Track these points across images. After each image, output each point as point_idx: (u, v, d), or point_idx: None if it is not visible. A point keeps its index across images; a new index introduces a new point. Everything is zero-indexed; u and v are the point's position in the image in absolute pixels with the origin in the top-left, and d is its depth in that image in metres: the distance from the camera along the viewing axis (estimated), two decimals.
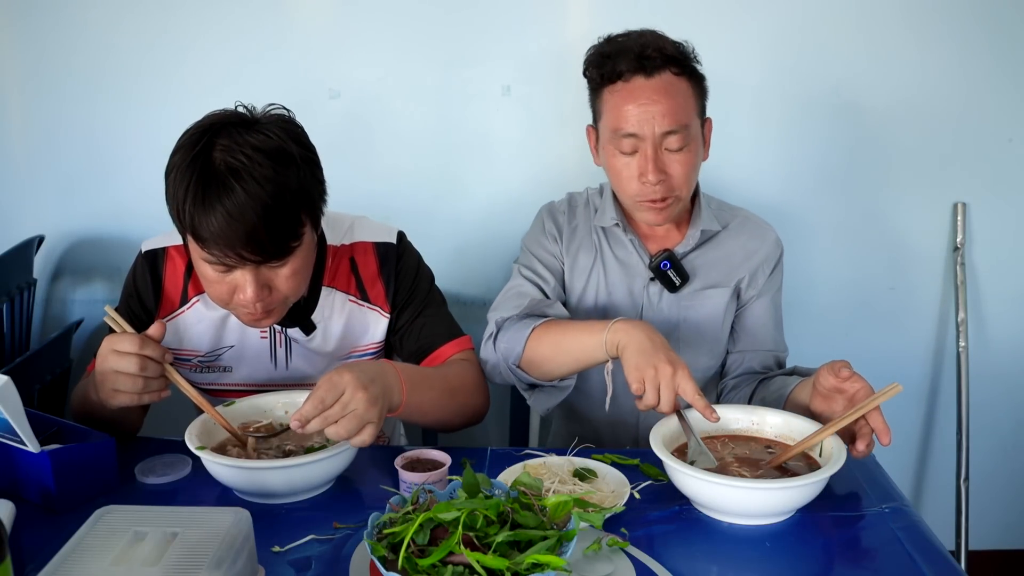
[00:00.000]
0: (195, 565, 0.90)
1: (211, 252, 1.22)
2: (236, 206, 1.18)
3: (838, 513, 1.21)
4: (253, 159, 1.20)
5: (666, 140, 1.43)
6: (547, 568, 0.91)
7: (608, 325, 1.35)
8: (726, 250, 1.58)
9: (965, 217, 2.15)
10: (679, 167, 1.45)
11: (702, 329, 1.58)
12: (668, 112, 1.42)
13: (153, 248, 1.46)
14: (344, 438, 1.18)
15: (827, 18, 2.05)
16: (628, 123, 1.43)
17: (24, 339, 2.09)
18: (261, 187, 1.19)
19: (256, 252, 1.22)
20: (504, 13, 2.04)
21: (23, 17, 2.05)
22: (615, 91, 1.46)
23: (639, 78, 1.43)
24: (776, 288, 1.62)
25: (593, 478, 1.26)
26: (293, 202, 1.24)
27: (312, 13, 2.06)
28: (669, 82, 1.43)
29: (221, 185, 1.19)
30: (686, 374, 1.25)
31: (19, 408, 1.14)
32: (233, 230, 1.19)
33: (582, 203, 1.64)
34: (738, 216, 1.63)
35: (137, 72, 2.06)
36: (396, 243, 1.49)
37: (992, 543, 2.37)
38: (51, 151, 2.13)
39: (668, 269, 1.54)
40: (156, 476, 1.29)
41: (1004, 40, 2.07)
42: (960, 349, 2.19)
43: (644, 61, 1.42)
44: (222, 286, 1.29)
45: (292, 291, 1.32)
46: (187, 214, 1.21)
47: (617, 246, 1.58)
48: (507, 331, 1.47)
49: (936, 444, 2.32)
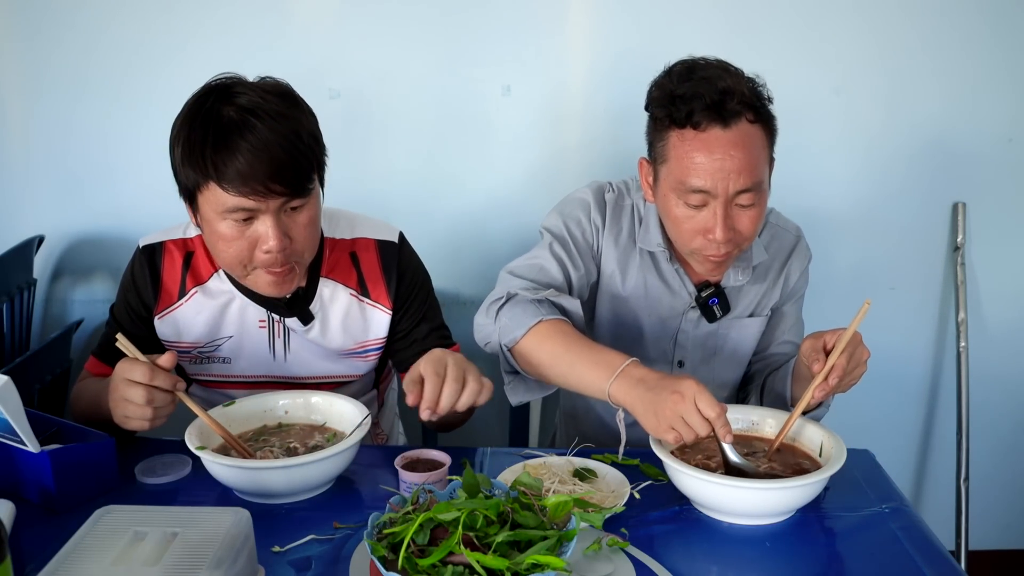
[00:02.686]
0: (195, 565, 0.90)
1: (238, 191, 1.24)
2: (260, 141, 1.23)
3: (838, 513, 1.21)
4: (266, 99, 1.27)
5: (739, 197, 1.33)
6: (547, 568, 0.91)
7: (610, 377, 1.25)
8: (765, 275, 1.53)
9: (965, 217, 2.15)
10: (748, 222, 1.35)
11: (735, 354, 1.56)
12: (744, 169, 1.30)
13: (150, 243, 1.47)
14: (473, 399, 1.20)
15: (827, 17, 2.05)
16: (700, 178, 1.31)
17: (24, 339, 2.09)
18: (279, 123, 1.25)
19: (283, 183, 1.25)
20: (504, 13, 2.04)
21: (23, 18, 2.05)
22: (686, 138, 1.32)
23: (715, 129, 1.30)
24: (801, 294, 1.60)
25: (593, 478, 1.26)
26: (308, 139, 1.29)
27: (312, 13, 2.06)
28: (746, 133, 1.31)
29: (242, 124, 1.24)
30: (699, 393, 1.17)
31: (19, 408, 1.14)
32: (260, 163, 1.23)
33: (628, 206, 1.52)
34: (769, 221, 1.56)
35: (137, 72, 2.06)
36: (398, 242, 1.50)
37: (992, 543, 2.37)
38: (51, 151, 2.13)
39: (715, 305, 1.49)
40: (156, 476, 1.29)
41: (1004, 40, 2.07)
42: (960, 349, 2.19)
43: (722, 110, 1.29)
44: (242, 243, 1.29)
45: (308, 243, 1.34)
46: (209, 160, 1.24)
47: (661, 266, 1.51)
48: (514, 307, 1.38)
49: (936, 444, 2.32)
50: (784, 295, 1.56)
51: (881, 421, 2.27)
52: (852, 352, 1.24)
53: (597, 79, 2.06)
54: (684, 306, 1.51)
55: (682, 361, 1.55)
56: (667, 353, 1.54)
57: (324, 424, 1.38)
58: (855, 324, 1.23)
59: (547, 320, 1.35)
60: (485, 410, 2.40)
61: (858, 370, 1.27)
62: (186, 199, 1.33)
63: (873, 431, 2.16)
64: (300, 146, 1.27)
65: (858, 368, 1.27)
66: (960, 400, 2.21)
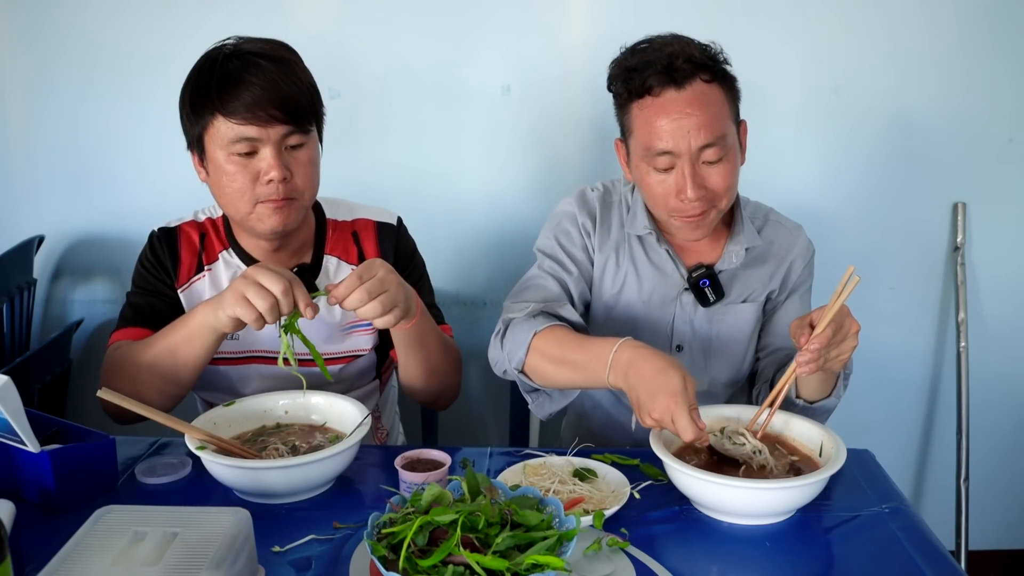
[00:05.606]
0: (195, 565, 0.90)
1: (242, 117, 1.33)
2: (264, 76, 1.34)
3: (838, 513, 1.21)
4: (270, 45, 1.39)
5: (703, 153, 1.36)
6: (547, 568, 0.91)
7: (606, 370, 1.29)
8: (761, 262, 1.54)
9: (965, 217, 2.15)
10: (719, 178, 1.38)
11: (732, 341, 1.56)
12: (704, 125, 1.34)
13: (166, 227, 1.53)
14: (373, 316, 1.25)
15: (828, 18, 2.05)
16: (662, 140, 1.36)
17: (24, 339, 2.09)
18: (281, 65, 1.37)
19: (286, 112, 1.35)
20: (504, 13, 2.04)
21: (24, 18, 2.05)
22: (645, 106, 1.38)
23: (669, 91, 1.35)
24: (806, 287, 1.59)
25: (593, 478, 1.26)
26: (308, 84, 1.40)
27: (312, 12, 2.06)
28: (702, 92, 1.36)
29: (248, 63, 1.35)
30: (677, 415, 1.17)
31: (19, 408, 1.14)
32: (265, 93, 1.33)
33: (616, 200, 1.56)
34: (769, 219, 1.58)
35: (138, 72, 2.06)
36: (396, 225, 1.59)
37: (992, 543, 2.37)
38: (51, 151, 2.13)
39: (707, 287, 1.50)
40: (156, 476, 1.29)
41: (1005, 40, 2.07)
42: (960, 349, 2.19)
43: (673, 72, 1.35)
44: (245, 175, 1.36)
45: (308, 181, 1.41)
46: (216, 95, 1.33)
47: (652, 253, 1.53)
48: (512, 331, 1.43)
49: (936, 444, 2.32)
50: (787, 287, 1.56)
51: (881, 421, 2.27)
52: (840, 324, 1.24)
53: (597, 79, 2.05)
54: (677, 290, 1.53)
55: (680, 346, 1.56)
56: (664, 339, 1.55)
57: (324, 424, 1.38)
58: (839, 295, 1.23)
59: (541, 331, 1.39)
60: (485, 410, 2.41)
61: (847, 343, 1.25)
62: (194, 148, 1.41)
63: (873, 431, 2.17)
64: (300, 85, 1.38)
65: (847, 341, 1.25)
66: (960, 400, 2.21)
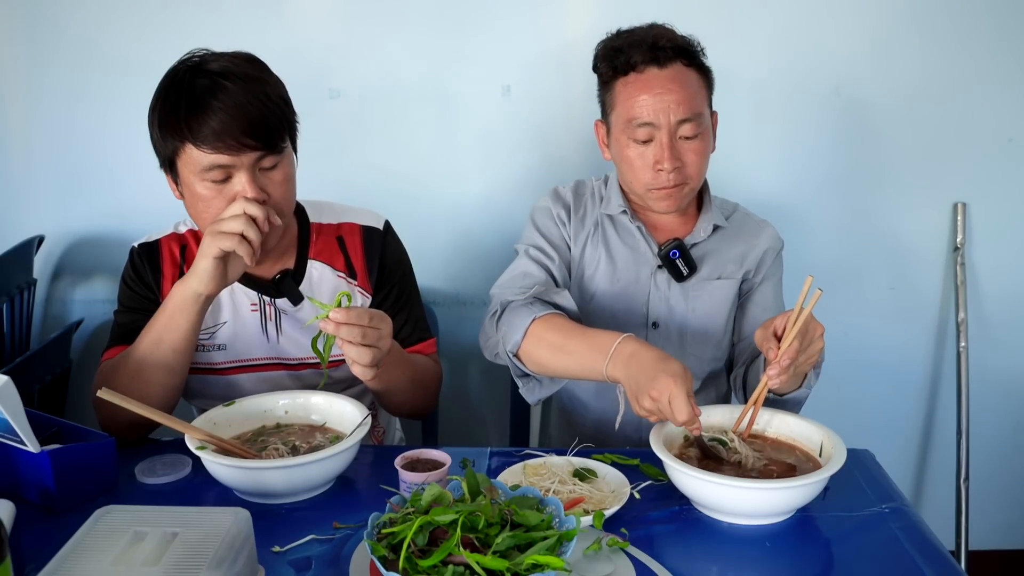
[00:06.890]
0: (195, 565, 0.90)
1: (212, 147, 1.29)
2: (231, 100, 1.29)
3: (838, 513, 1.21)
4: (236, 63, 1.34)
5: (681, 128, 1.46)
6: (547, 568, 0.91)
7: (606, 359, 1.31)
8: (731, 243, 1.60)
9: (965, 217, 2.15)
10: (693, 155, 1.48)
11: (709, 320, 1.58)
12: (683, 101, 1.45)
13: (146, 242, 1.52)
14: (351, 356, 1.25)
15: (828, 17, 2.05)
16: (643, 112, 1.45)
17: (24, 339, 2.09)
18: (249, 84, 1.32)
19: (255, 138, 1.31)
20: (504, 13, 2.04)
21: (23, 19, 2.05)
22: (628, 82, 1.48)
23: (652, 68, 1.46)
24: (778, 276, 1.63)
25: (593, 478, 1.26)
26: (277, 100, 1.36)
27: (312, 13, 2.06)
28: (682, 73, 1.47)
29: (215, 87, 1.30)
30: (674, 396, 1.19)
31: (19, 408, 1.14)
32: (232, 120, 1.29)
33: (588, 192, 1.64)
34: (738, 211, 1.65)
35: (136, 73, 2.06)
36: (383, 229, 1.55)
37: (992, 543, 2.37)
38: (51, 151, 2.13)
39: (677, 258, 1.55)
40: (156, 476, 1.29)
41: (1004, 40, 2.07)
42: (960, 349, 2.19)
43: (657, 52, 1.45)
44: (221, 200, 1.33)
45: (285, 197, 1.39)
46: (184, 121, 1.29)
47: (625, 234, 1.59)
48: (510, 314, 1.45)
49: (936, 444, 2.32)
50: (759, 272, 1.60)
51: (881, 421, 2.27)
52: (804, 331, 1.26)
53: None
54: (651, 267, 1.57)
55: (656, 323, 1.58)
56: (640, 317, 1.58)
57: (324, 424, 1.38)
58: (801, 307, 1.24)
59: (540, 317, 1.41)
60: (485, 410, 2.42)
61: (814, 345, 1.29)
62: (167, 169, 1.38)
63: (873, 431, 2.17)
64: (270, 104, 1.33)
65: (814, 344, 1.29)
66: (960, 400, 2.21)
